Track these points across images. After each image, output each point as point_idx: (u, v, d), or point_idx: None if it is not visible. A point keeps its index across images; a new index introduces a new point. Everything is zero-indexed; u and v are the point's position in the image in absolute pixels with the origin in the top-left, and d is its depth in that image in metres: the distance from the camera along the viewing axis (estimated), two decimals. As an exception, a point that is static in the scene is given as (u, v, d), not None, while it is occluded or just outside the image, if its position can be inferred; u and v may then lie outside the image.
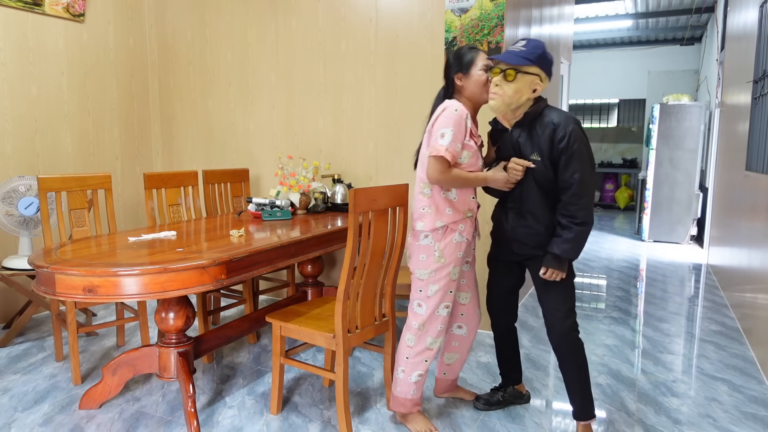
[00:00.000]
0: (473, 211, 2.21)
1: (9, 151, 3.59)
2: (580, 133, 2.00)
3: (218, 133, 4.25)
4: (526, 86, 2.03)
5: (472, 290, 2.40)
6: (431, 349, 2.21)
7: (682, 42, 9.45)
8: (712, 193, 6.14)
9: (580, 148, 1.99)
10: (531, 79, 2.03)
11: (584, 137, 2.02)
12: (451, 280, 2.17)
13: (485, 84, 2.12)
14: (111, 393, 2.45)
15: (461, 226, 2.16)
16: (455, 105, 2.06)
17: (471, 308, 2.41)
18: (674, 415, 2.45)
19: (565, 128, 1.99)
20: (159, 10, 4.35)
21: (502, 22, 3.20)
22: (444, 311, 2.19)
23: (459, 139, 2.04)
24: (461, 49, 2.19)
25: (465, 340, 2.44)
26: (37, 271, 2.01)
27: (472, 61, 2.13)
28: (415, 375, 2.22)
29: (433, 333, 2.20)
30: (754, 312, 3.33)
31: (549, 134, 2.02)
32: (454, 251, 2.14)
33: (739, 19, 4.72)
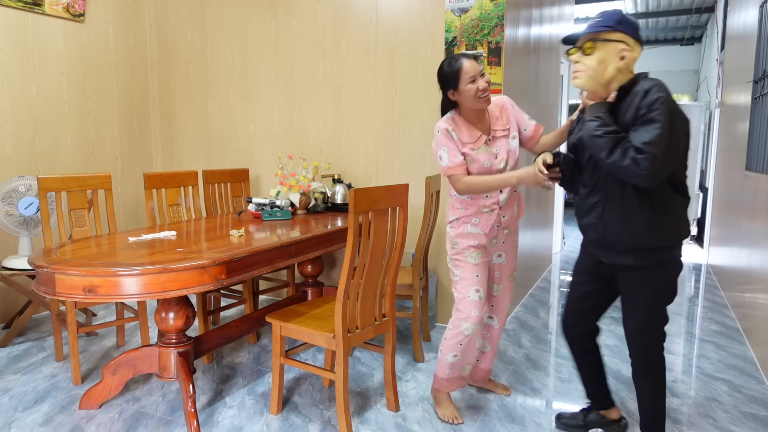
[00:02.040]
0: (490, 206, 2.27)
1: (9, 151, 3.59)
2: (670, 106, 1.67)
3: (218, 133, 4.25)
4: (611, 54, 1.77)
5: (505, 283, 2.46)
6: (465, 335, 2.28)
7: (682, 42, 9.45)
8: (712, 193, 6.13)
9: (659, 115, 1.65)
10: (615, 46, 1.76)
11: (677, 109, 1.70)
12: (472, 264, 2.28)
13: (476, 95, 2.15)
14: (111, 393, 2.45)
15: (475, 219, 2.29)
16: (438, 125, 2.25)
17: (501, 300, 2.48)
18: (674, 415, 2.45)
19: (654, 95, 1.67)
20: (159, 10, 4.35)
21: (502, 22, 3.20)
22: (475, 295, 2.26)
23: (454, 153, 2.22)
24: (443, 69, 2.19)
25: (496, 331, 2.53)
26: (37, 271, 2.01)
27: (456, 77, 2.15)
28: (450, 356, 2.32)
29: (467, 318, 2.26)
30: (754, 312, 3.33)
31: (636, 103, 1.72)
32: (467, 239, 2.29)
33: (739, 19, 4.72)
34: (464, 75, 2.13)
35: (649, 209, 1.79)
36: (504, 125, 2.29)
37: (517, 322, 3.71)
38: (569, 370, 2.93)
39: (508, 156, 2.28)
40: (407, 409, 2.48)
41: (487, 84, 2.16)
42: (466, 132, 2.24)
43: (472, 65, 2.15)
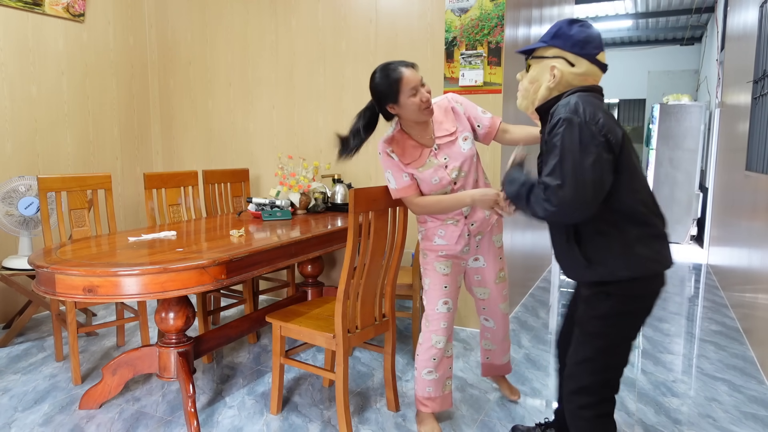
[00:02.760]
0: (453, 218, 2.16)
1: (9, 151, 3.59)
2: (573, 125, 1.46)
3: (218, 133, 4.25)
4: (541, 72, 1.63)
5: (492, 286, 2.35)
6: (438, 348, 2.18)
7: (682, 42, 9.45)
8: (712, 193, 6.14)
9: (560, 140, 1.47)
10: (547, 63, 1.62)
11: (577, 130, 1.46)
12: (441, 275, 2.19)
13: (419, 107, 1.98)
14: (111, 393, 2.45)
15: (440, 231, 2.19)
16: (378, 146, 2.19)
17: (491, 303, 2.39)
18: (674, 415, 2.45)
19: (559, 115, 1.50)
20: (159, 10, 4.35)
21: (502, 22, 3.20)
22: (443, 308, 2.19)
23: (399, 174, 2.12)
24: (377, 81, 2.02)
25: (496, 332, 2.47)
26: (37, 271, 2.01)
27: (397, 89, 1.96)
28: (425, 371, 2.21)
29: (436, 330, 2.19)
30: (754, 312, 3.33)
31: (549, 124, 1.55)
32: (435, 249, 2.21)
33: (739, 19, 4.72)
34: (405, 86, 1.94)
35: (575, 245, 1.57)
36: (449, 129, 2.10)
37: (517, 322, 3.70)
38: (569, 370, 2.92)
39: (461, 162, 2.09)
40: (407, 409, 2.48)
41: (428, 94, 1.99)
42: (408, 151, 2.09)
43: (413, 74, 1.96)
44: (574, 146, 1.45)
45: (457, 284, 2.25)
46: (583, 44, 1.59)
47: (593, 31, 1.60)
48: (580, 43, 1.58)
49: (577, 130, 1.45)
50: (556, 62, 1.60)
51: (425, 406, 2.25)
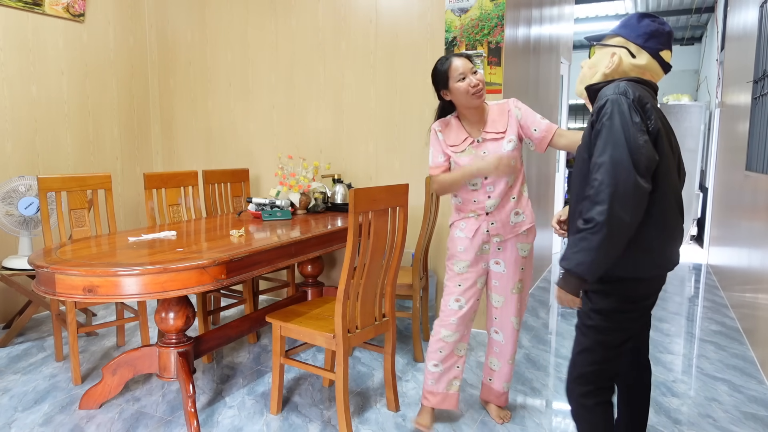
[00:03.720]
0: (475, 211, 2.21)
1: (9, 151, 3.59)
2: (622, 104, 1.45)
3: (218, 133, 4.25)
4: (602, 58, 1.65)
5: (507, 295, 2.27)
6: (445, 342, 2.23)
7: (682, 42, 9.45)
8: (712, 193, 6.13)
9: (611, 121, 1.45)
10: (608, 50, 1.63)
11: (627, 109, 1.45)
12: (456, 273, 2.23)
13: (467, 92, 2.12)
14: (111, 393, 2.45)
15: (462, 224, 2.25)
16: (432, 126, 2.28)
17: (504, 313, 2.30)
18: (674, 415, 2.45)
19: (607, 95, 1.49)
20: (159, 10, 4.35)
21: (502, 22, 3.20)
22: (455, 305, 2.22)
23: (438, 153, 2.23)
24: (435, 69, 2.19)
25: (504, 347, 2.34)
26: (37, 271, 2.01)
27: (446, 75, 2.14)
28: (431, 364, 2.27)
29: (446, 324, 2.23)
30: (754, 312, 3.33)
31: (596, 107, 1.54)
32: (455, 245, 2.25)
33: (739, 19, 4.72)
34: (453, 72, 2.11)
35: None
36: (499, 128, 2.19)
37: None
38: (569, 370, 2.93)
39: None
40: (407, 409, 2.48)
41: (479, 81, 2.12)
42: (454, 134, 2.22)
43: (463, 63, 2.12)
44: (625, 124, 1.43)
45: (475, 285, 2.23)
46: (648, 37, 1.58)
47: (664, 28, 1.59)
48: (645, 35, 1.58)
49: (626, 108, 1.45)
50: (617, 50, 1.61)
51: (426, 399, 2.30)
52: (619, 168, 1.41)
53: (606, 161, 1.43)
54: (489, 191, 2.18)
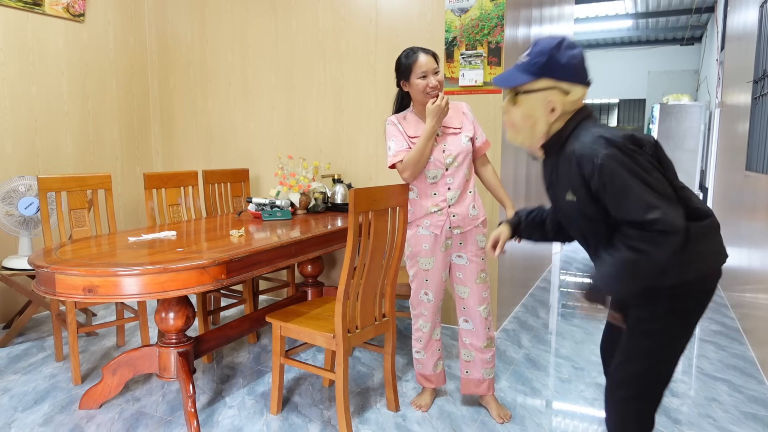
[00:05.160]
0: (438, 204, 2.28)
1: (9, 151, 3.59)
2: (620, 157, 1.36)
3: (218, 133, 4.25)
4: (535, 107, 1.50)
5: (472, 286, 2.36)
6: (423, 331, 2.43)
7: (682, 42, 9.45)
8: (712, 193, 6.14)
9: (622, 179, 1.35)
10: (541, 97, 1.49)
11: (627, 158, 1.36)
12: (422, 269, 2.35)
13: (424, 90, 2.18)
14: (111, 393, 2.45)
15: (426, 221, 2.31)
16: (387, 120, 2.35)
17: (471, 303, 2.38)
18: (674, 415, 2.45)
19: (592, 159, 1.38)
20: (159, 10, 4.35)
21: (502, 22, 3.20)
22: (424, 297, 2.39)
23: (401, 142, 2.28)
24: (400, 59, 2.24)
25: (475, 335, 2.40)
26: (37, 271, 2.01)
27: (409, 69, 2.19)
28: (414, 350, 2.50)
29: (420, 316, 2.42)
30: (754, 312, 3.33)
31: (575, 170, 1.44)
32: (419, 242, 2.33)
33: (739, 19, 4.72)
34: (417, 68, 2.17)
35: None
36: (455, 125, 2.30)
37: (517, 322, 3.71)
38: (569, 370, 2.93)
39: (458, 153, 2.27)
40: (407, 409, 2.48)
41: (438, 83, 2.18)
42: (413, 127, 2.29)
43: (427, 61, 2.17)
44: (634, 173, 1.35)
45: (441, 278, 2.36)
46: (577, 71, 1.48)
47: (580, 51, 1.50)
48: (574, 69, 1.48)
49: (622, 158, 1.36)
50: (551, 95, 1.48)
51: (420, 382, 2.53)
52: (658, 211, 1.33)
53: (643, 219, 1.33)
54: (449, 183, 2.28)
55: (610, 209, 1.41)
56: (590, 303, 1.50)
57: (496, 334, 3.45)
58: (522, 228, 1.81)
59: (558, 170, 1.52)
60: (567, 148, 1.48)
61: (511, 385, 2.72)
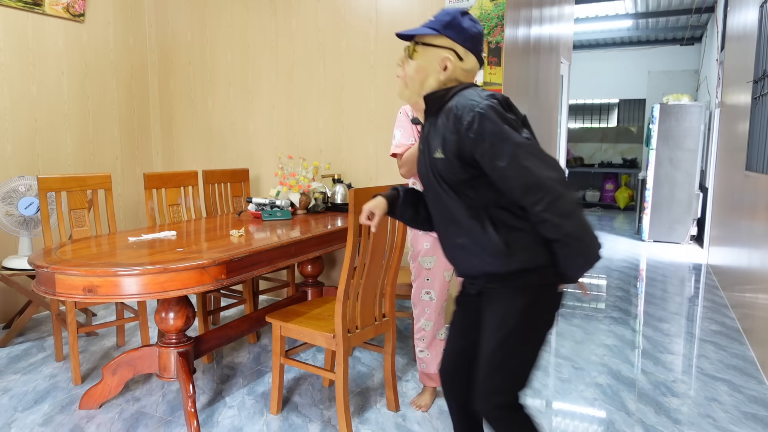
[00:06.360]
0: None
1: (9, 151, 3.59)
2: (499, 110, 1.39)
3: (218, 133, 4.25)
4: (430, 61, 1.52)
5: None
6: (426, 330, 2.44)
7: (682, 42, 9.45)
8: (712, 193, 6.14)
9: (499, 128, 1.36)
10: (437, 53, 1.51)
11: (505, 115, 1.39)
12: (423, 268, 2.38)
13: None
14: (111, 393, 2.45)
15: None
16: (402, 108, 2.32)
17: None
18: (674, 415, 2.45)
19: (472, 110, 1.39)
20: (159, 10, 4.35)
21: (502, 22, 3.20)
22: (426, 296, 2.40)
23: (407, 135, 2.26)
24: None
25: None
26: (37, 271, 2.01)
27: None
28: (417, 349, 2.49)
29: (423, 314, 2.43)
30: (754, 312, 3.33)
31: (453, 124, 1.43)
32: (419, 242, 2.37)
33: (739, 19, 4.72)
34: None
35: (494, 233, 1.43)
36: None
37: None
38: (569, 370, 2.93)
39: None
40: (407, 409, 2.48)
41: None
42: None
43: None
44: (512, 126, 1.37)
45: (443, 278, 2.37)
46: (475, 40, 1.53)
47: (481, 28, 1.56)
48: (473, 38, 1.53)
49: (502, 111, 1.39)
50: (447, 54, 1.51)
51: (421, 378, 2.53)
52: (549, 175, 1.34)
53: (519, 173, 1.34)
54: None
55: (484, 161, 1.39)
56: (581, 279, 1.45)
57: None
58: (399, 203, 1.71)
59: (435, 127, 1.50)
60: (449, 104, 1.48)
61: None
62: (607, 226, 8.19)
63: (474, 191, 1.44)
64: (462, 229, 1.48)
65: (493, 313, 1.47)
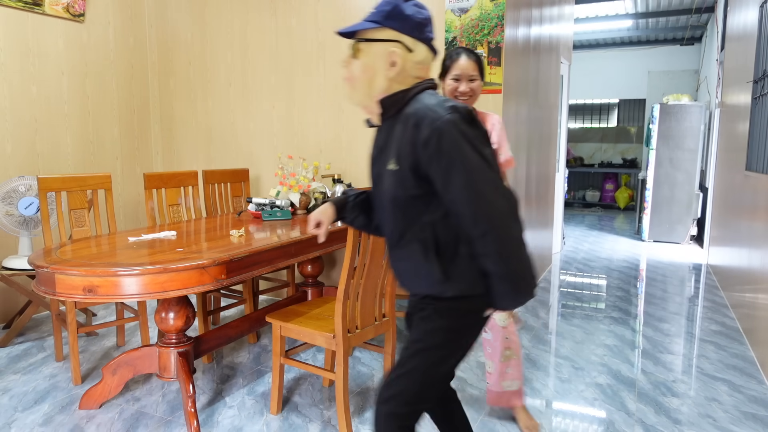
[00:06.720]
0: None
1: (9, 151, 3.59)
2: (462, 127, 1.27)
3: (218, 133, 4.25)
4: (376, 59, 1.39)
5: None
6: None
7: (682, 42, 9.45)
8: (712, 193, 6.14)
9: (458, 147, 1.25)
10: (383, 48, 1.38)
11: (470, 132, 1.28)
12: None
13: (452, 93, 2.11)
14: (111, 393, 2.45)
15: None
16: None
17: None
18: (674, 415, 2.45)
19: (432, 123, 1.26)
20: (159, 10, 4.35)
21: (502, 22, 3.20)
22: None
23: None
24: (445, 53, 2.19)
25: (494, 344, 2.32)
26: (37, 271, 2.01)
27: (448, 68, 2.12)
28: None
29: None
30: (754, 312, 3.33)
31: (410, 133, 1.31)
32: None
33: (739, 19, 4.72)
34: (453, 70, 2.10)
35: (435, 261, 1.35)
36: None
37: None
38: (569, 370, 2.93)
39: None
40: (407, 409, 2.48)
41: (468, 90, 2.08)
42: None
43: (466, 66, 2.08)
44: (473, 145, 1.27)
45: None
46: (422, 27, 1.39)
47: (427, 12, 1.42)
48: (419, 25, 1.38)
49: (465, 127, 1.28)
50: (393, 47, 1.37)
51: None
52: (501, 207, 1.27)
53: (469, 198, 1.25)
54: None
55: (437, 181, 1.29)
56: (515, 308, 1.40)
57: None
58: (348, 209, 1.62)
59: (392, 134, 1.38)
60: (407, 109, 1.35)
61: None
62: (607, 226, 8.19)
63: (423, 209, 1.34)
64: (405, 251, 1.39)
65: (419, 326, 1.41)
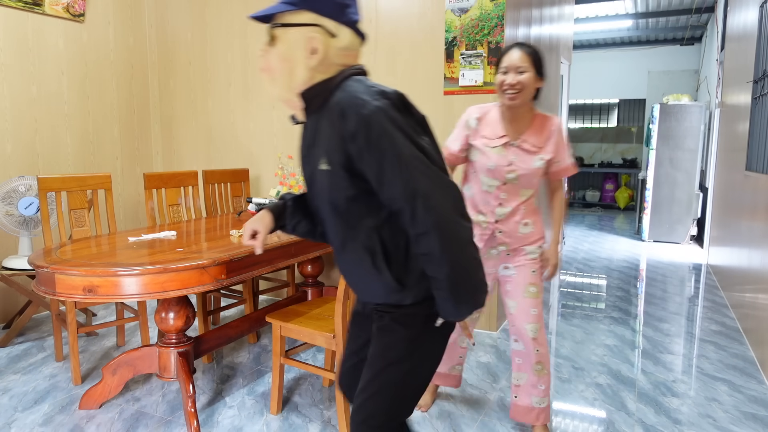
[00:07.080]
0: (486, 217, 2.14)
1: (9, 151, 3.59)
2: (392, 114, 1.14)
3: (218, 133, 4.25)
4: (295, 46, 1.23)
5: (520, 300, 2.15)
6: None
7: (682, 42, 9.45)
8: (712, 193, 6.14)
9: (389, 137, 1.12)
10: (301, 34, 1.23)
11: (402, 119, 1.15)
12: None
13: (500, 86, 2.01)
14: (111, 393, 2.45)
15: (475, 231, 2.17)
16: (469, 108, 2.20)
17: (518, 319, 2.16)
18: (674, 415, 2.45)
19: (358, 112, 1.13)
20: (159, 10, 4.35)
21: (502, 22, 3.20)
22: None
23: (459, 137, 2.16)
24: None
25: (526, 356, 2.19)
26: (37, 271, 2.01)
27: (499, 61, 2.03)
28: None
29: None
30: (754, 312, 3.33)
31: (337, 125, 1.18)
32: None
33: (739, 19, 4.72)
34: (502, 63, 2.00)
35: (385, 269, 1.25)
36: (538, 143, 2.06)
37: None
38: (569, 370, 2.93)
39: (523, 173, 2.06)
40: (407, 409, 2.48)
41: (515, 83, 1.96)
42: (491, 128, 2.09)
43: (515, 58, 1.97)
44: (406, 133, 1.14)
45: None
46: (344, 8, 1.23)
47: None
48: (342, 7, 1.23)
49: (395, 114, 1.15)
50: (313, 33, 1.22)
51: None
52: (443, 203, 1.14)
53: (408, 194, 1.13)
54: (502, 197, 2.10)
55: (370, 176, 1.16)
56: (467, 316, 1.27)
57: (497, 334, 3.45)
58: (288, 215, 1.47)
59: (319, 130, 1.24)
60: (332, 100, 1.21)
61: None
62: (607, 226, 8.19)
63: (365, 212, 1.22)
64: (351, 258, 1.29)
65: (378, 341, 1.31)
